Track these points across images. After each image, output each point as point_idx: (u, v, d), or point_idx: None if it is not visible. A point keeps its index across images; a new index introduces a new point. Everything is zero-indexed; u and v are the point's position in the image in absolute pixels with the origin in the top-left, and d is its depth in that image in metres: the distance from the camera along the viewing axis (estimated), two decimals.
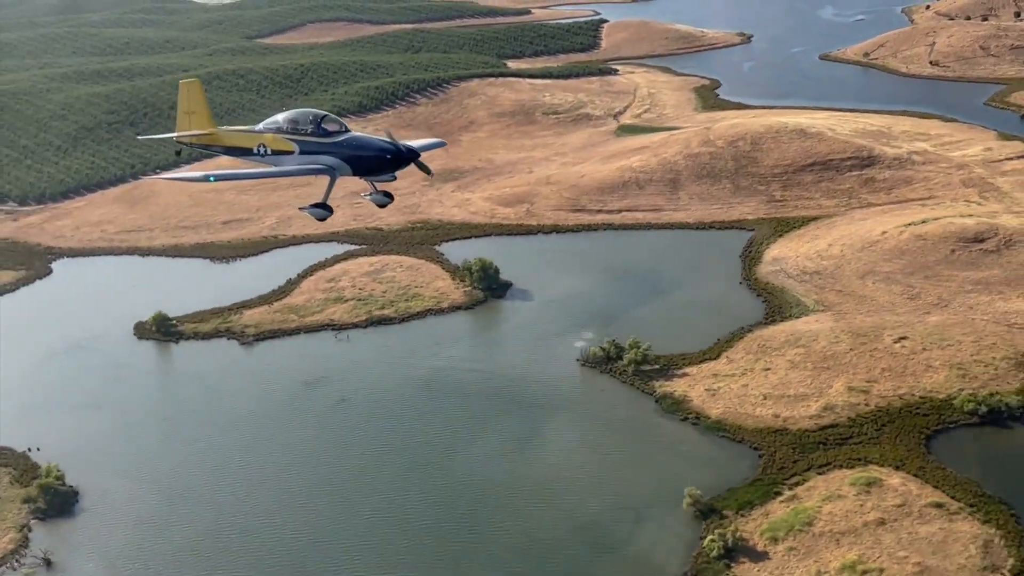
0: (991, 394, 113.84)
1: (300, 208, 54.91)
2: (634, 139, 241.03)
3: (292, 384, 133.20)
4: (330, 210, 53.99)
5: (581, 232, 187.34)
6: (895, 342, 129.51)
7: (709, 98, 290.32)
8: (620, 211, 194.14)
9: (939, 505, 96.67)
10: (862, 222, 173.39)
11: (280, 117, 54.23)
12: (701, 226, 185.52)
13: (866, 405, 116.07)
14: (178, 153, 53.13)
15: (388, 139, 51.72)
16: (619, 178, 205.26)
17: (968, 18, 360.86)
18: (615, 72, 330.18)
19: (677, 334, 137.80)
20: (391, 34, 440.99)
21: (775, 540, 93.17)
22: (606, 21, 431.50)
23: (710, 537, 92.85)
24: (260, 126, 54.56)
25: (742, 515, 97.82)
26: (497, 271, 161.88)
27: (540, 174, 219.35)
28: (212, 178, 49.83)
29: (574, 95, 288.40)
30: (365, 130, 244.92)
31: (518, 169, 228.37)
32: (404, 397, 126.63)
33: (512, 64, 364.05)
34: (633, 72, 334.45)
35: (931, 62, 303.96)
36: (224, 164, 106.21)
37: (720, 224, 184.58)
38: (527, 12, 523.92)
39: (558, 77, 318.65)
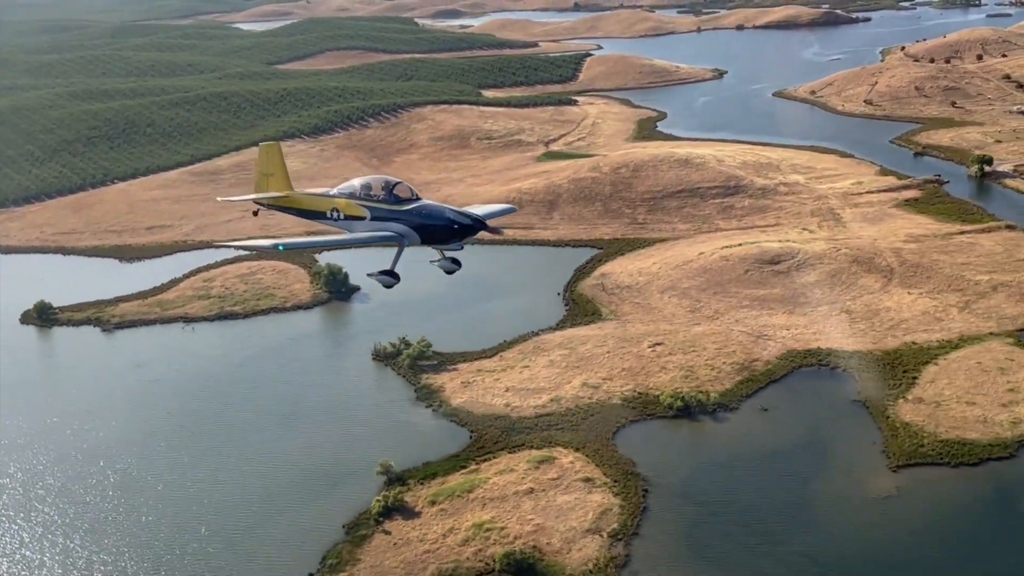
0: (695, 392, 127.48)
1: (368, 275, 55.63)
2: (548, 164, 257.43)
3: (125, 362, 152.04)
4: (397, 277, 53.97)
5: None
6: (649, 347, 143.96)
7: (646, 129, 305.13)
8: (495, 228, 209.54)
9: (588, 479, 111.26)
10: (695, 244, 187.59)
11: (356, 182, 54.17)
12: (561, 244, 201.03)
13: (590, 399, 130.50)
14: (255, 213, 58.49)
15: (459, 212, 52.10)
16: (504, 198, 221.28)
17: (932, 60, 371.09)
18: (574, 103, 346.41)
19: (475, 336, 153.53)
20: (393, 62, 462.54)
21: (433, 503, 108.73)
22: (591, 55, 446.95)
23: (377, 498, 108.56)
24: (334, 190, 54.36)
25: (422, 483, 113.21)
26: (346, 276, 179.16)
27: (443, 193, 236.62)
28: (281, 247, 50.05)
29: (517, 123, 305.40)
30: (325, 155, 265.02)
31: (430, 189, 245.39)
32: (206, 380, 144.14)
33: (488, 93, 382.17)
34: (592, 103, 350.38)
35: (866, 101, 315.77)
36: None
37: (578, 243, 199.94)
38: (534, 45, 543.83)
39: (516, 106, 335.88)
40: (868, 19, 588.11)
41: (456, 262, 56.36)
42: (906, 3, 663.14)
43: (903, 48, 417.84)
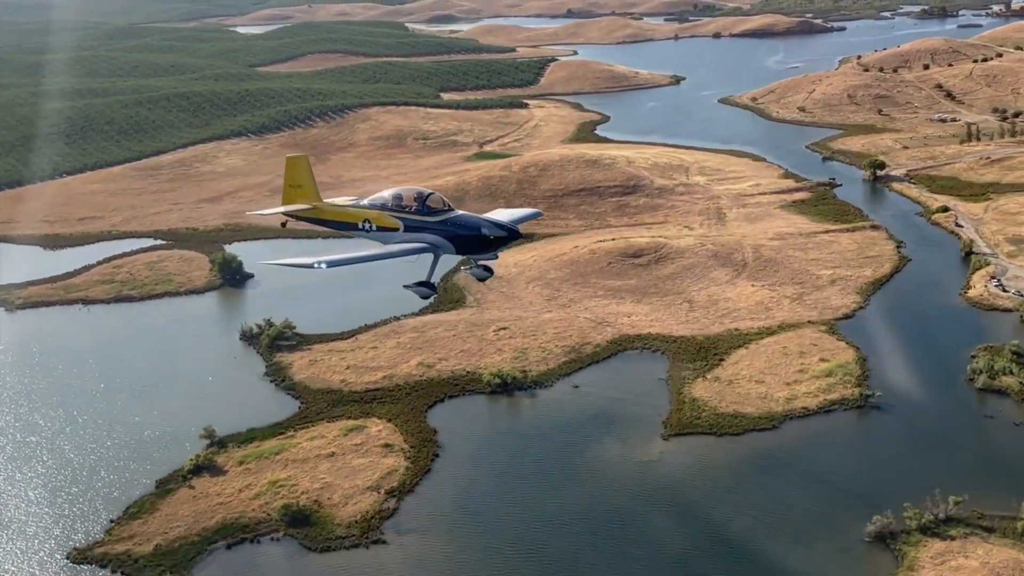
0: (517, 371, 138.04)
1: (405, 286, 54.89)
2: (474, 164, 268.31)
3: (14, 335, 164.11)
4: (434, 288, 53.93)
5: (342, 238, 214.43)
6: (494, 331, 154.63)
7: (584, 132, 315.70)
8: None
9: (388, 446, 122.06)
10: (578, 239, 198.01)
11: (386, 194, 53.42)
12: None
13: (421, 376, 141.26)
14: (283, 225, 58.55)
15: (491, 221, 51.31)
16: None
17: (881, 69, 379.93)
18: (525, 106, 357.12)
19: (345, 320, 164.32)
20: (367, 65, 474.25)
21: (241, 463, 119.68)
22: (556, 60, 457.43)
23: (191, 458, 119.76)
24: (365, 201, 53.86)
25: (239, 446, 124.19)
26: (240, 264, 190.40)
27: (364, 189, 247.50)
28: (324, 265, 48.87)
29: (458, 124, 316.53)
30: (267, 153, 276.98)
31: (355, 185, 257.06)
32: (80, 354, 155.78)
33: (448, 95, 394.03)
34: (543, 107, 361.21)
35: (800, 108, 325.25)
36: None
37: None
38: (512, 50, 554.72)
39: (465, 108, 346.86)
40: (843, 28, 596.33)
41: (488, 269, 55.27)
42: (886, 13, 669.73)
43: (859, 57, 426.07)
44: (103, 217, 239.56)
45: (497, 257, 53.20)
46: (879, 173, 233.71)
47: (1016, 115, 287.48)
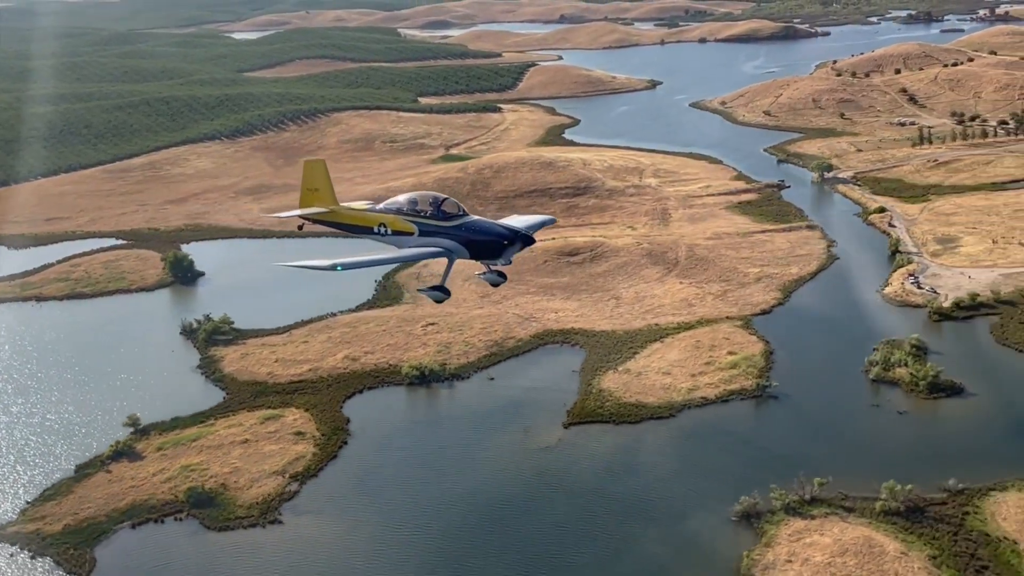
0: (437, 364, 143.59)
1: (419, 290, 51.61)
2: (437, 166, 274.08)
3: None
4: (448, 292, 53.49)
5: (310, 238, 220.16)
6: (422, 327, 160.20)
7: (552, 135, 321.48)
8: None
9: (300, 433, 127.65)
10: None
11: (401, 198, 53.41)
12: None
13: (345, 369, 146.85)
14: (300, 228, 57.93)
15: (505, 227, 51.10)
16: (372, 196, 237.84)
17: (854, 74, 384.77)
18: (498, 110, 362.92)
19: (286, 315, 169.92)
20: (353, 70, 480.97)
21: (159, 449, 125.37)
22: (536, 65, 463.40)
23: (111, 444, 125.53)
24: (380, 206, 53.87)
25: (161, 434, 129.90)
26: (192, 263, 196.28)
27: None
28: (340, 267, 49.35)
29: (427, 127, 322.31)
30: (238, 156, 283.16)
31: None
32: (25, 348, 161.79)
33: (425, 100, 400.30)
34: (516, 111, 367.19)
35: (765, 112, 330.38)
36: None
37: None
38: (498, 55, 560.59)
39: (439, 112, 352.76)
40: (827, 33, 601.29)
41: (502, 275, 54.42)
42: (873, 18, 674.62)
43: (834, 62, 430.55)
44: (70, 218, 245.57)
45: (511, 263, 52.31)
46: (827, 175, 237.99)
47: (972, 119, 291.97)
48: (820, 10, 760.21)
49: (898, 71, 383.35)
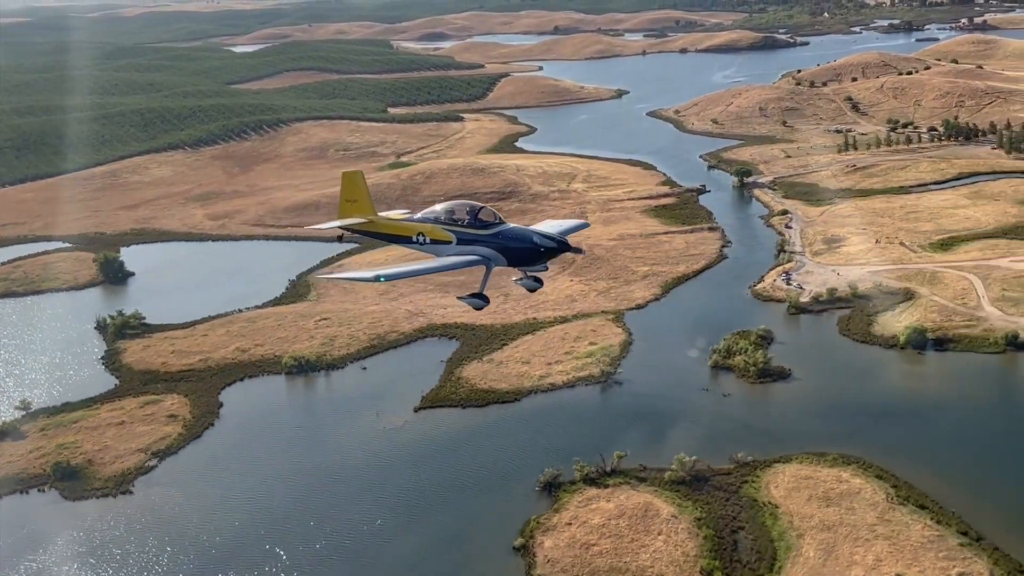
0: (317, 355, 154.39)
1: (459, 298, 56.08)
2: (382, 173, 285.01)
3: None
4: (486, 300, 53.33)
5: (257, 240, 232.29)
6: (315, 322, 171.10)
7: (505, 144, 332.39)
8: (286, 226, 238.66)
9: (173, 416, 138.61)
10: None
11: (438, 208, 54.23)
12: (331, 239, 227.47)
13: (233, 359, 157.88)
14: (340, 238, 60.22)
15: (542, 234, 51.66)
16: (305, 202, 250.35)
17: (812, 84, 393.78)
18: (460, 119, 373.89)
19: (201, 311, 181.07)
20: (333, 81, 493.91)
21: (42, 430, 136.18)
22: (509, 76, 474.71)
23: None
24: (418, 215, 54.59)
25: (49, 416, 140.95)
26: (122, 264, 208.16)
27: (269, 196, 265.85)
28: (382, 278, 50.16)
29: (383, 136, 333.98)
30: (198, 164, 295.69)
31: (266, 192, 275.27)
32: None
33: (395, 110, 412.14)
34: (479, 120, 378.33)
35: (713, 120, 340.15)
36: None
37: (345, 239, 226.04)
38: (480, 66, 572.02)
39: (400, 121, 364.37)
40: (806, 43, 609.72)
41: (538, 280, 54.28)
42: (856, 28, 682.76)
43: (798, 72, 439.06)
44: (25, 223, 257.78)
45: (547, 268, 52.81)
46: (746, 180, 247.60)
47: (904, 125, 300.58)
48: (808, 20, 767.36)
49: (855, 79, 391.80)
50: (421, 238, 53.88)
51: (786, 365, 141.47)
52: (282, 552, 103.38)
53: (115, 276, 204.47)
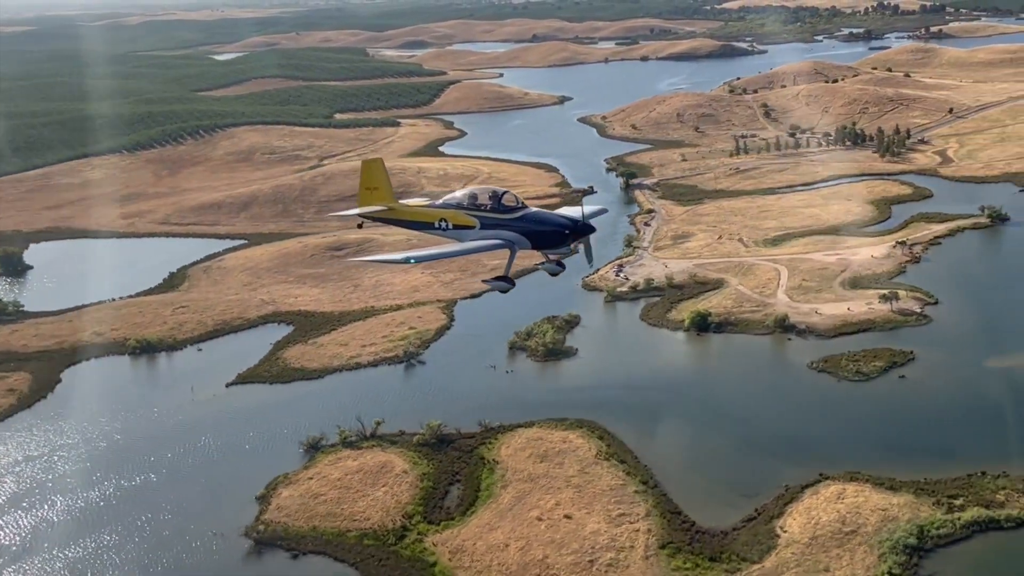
0: (162, 337, 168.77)
1: (484, 281, 57.63)
2: (298, 175, 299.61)
3: None
4: (512, 283, 53.79)
5: (159, 237, 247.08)
6: (173, 309, 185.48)
7: (430, 148, 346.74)
8: (188, 224, 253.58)
9: (11, 390, 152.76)
10: (312, 238, 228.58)
11: (459, 194, 53.98)
12: (229, 236, 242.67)
13: (89, 341, 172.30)
14: (360, 226, 59.90)
15: (566, 217, 51.96)
16: (210, 202, 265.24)
17: (744, 91, 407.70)
18: (398, 124, 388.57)
19: (77, 299, 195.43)
20: (289, 88, 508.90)
21: None
22: (459, 82, 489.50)
23: None
24: (439, 202, 54.47)
25: None
26: (20, 258, 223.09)
27: (183, 197, 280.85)
28: (412, 260, 50.13)
29: (311, 140, 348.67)
30: (130, 167, 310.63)
31: (183, 194, 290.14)
32: None
33: (342, 115, 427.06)
34: (415, 124, 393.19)
35: (632, 126, 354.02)
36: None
37: (239, 235, 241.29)
38: (443, 73, 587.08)
39: (336, 126, 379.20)
40: (764, 51, 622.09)
41: (561, 264, 54.79)
42: (819, 36, 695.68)
43: (737, 79, 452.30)
44: None
45: (571, 252, 53.17)
46: (632, 182, 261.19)
47: (804, 131, 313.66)
48: (779, 28, 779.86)
49: (784, 86, 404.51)
50: (444, 224, 53.73)
51: (576, 346, 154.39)
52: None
53: (13, 270, 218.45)
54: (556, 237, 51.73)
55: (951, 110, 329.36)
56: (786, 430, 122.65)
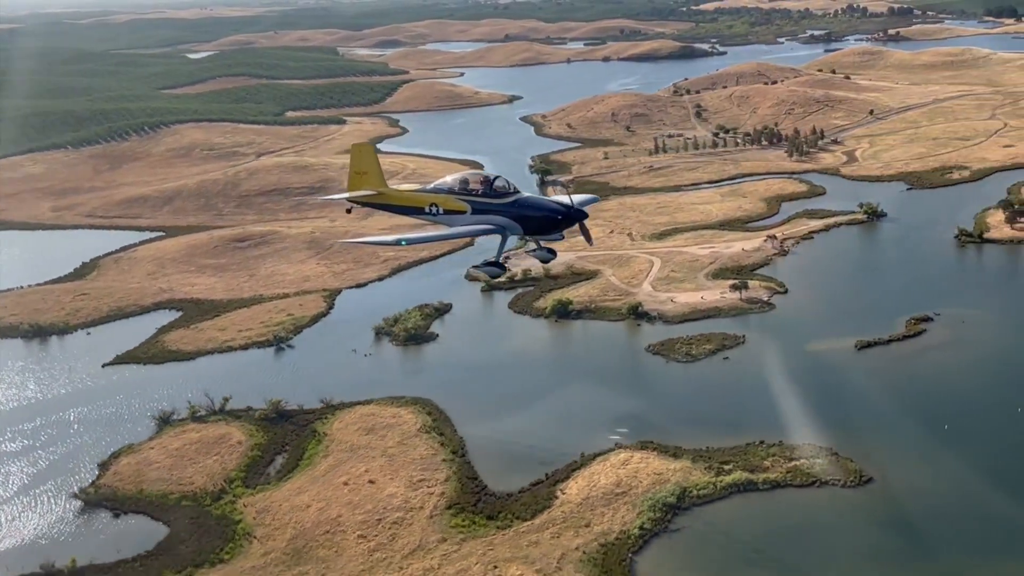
0: (54, 321, 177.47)
1: (473, 267, 57.53)
2: (229, 171, 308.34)
3: None
4: (503, 268, 54.21)
5: (83, 229, 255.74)
6: (74, 296, 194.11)
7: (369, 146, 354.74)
8: (113, 217, 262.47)
9: None
10: (226, 230, 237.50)
11: (450, 179, 53.78)
12: (151, 228, 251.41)
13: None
14: (348, 211, 61.48)
15: (558, 203, 52.51)
16: (136, 196, 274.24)
17: (688, 91, 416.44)
18: (343, 122, 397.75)
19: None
20: (248, 87, 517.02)
21: None
22: (414, 81, 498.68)
23: None
24: (430, 187, 54.01)
25: None
26: None
27: (115, 191, 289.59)
28: (404, 242, 50.75)
29: (252, 137, 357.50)
30: (72, 162, 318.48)
31: (117, 188, 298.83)
32: None
33: (293, 113, 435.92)
34: (361, 123, 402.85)
35: (568, 124, 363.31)
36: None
37: (159, 228, 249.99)
38: (405, 72, 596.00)
39: (284, 124, 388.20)
40: (724, 53, 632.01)
41: (552, 251, 55.77)
42: (782, 39, 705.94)
43: (685, 79, 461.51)
44: None
45: (563, 238, 53.64)
46: (547, 179, 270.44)
47: (728, 131, 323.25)
48: (747, 29, 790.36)
49: (725, 86, 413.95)
50: (434, 209, 53.51)
51: (438, 332, 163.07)
52: None
53: None
54: (548, 223, 52.48)
55: (872, 112, 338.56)
56: (602, 405, 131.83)
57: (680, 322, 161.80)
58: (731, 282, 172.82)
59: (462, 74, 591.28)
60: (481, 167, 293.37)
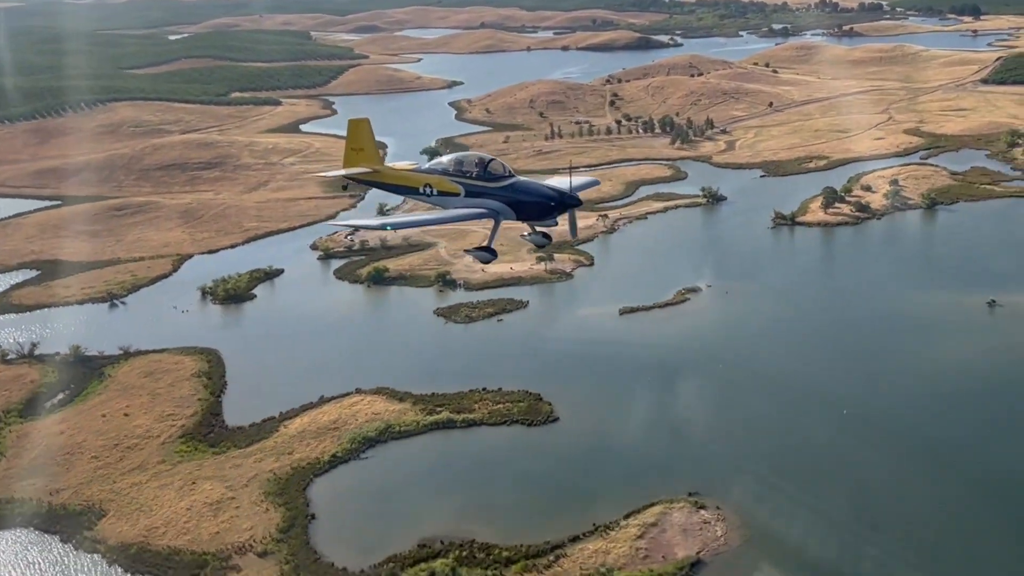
0: None
1: (465, 251, 56.74)
2: (143, 144, 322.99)
3: None
4: (494, 253, 52.56)
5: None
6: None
7: (292, 127, 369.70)
8: (21, 187, 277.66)
9: None
10: (119, 200, 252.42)
11: (445, 159, 53.27)
12: (43, 198, 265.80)
13: None
14: (344, 187, 60.07)
15: (553, 188, 51.10)
16: (49, 168, 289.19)
17: (619, 80, 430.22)
18: (278, 103, 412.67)
19: None
20: (205, 68, 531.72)
21: None
22: (360, 65, 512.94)
23: None
24: (425, 166, 53.78)
25: None
26: None
27: (34, 164, 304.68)
28: (389, 227, 51.90)
29: (184, 116, 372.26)
30: (6, 136, 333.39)
31: (37, 161, 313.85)
32: None
33: (239, 94, 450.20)
34: (296, 104, 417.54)
35: (487, 110, 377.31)
36: None
37: (60, 198, 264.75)
38: (365, 57, 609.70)
39: (219, 104, 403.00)
40: (680, 45, 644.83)
41: (547, 236, 54.67)
42: (742, 33, 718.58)
43: (623, 69, 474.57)
44: None
45: (557, 224, 52.36)
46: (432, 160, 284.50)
47: (630, 119, 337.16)
48: (716, 22, 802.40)
49: (668, 73, 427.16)
50: (428, 189, 52.92)
51: (258, 293, 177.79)
52: None
53: None
54: (541, 209, 51.23)
55: (771, 104, 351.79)
56: (367, 358, 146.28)
57: (481, 289, 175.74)
58: (539, 254, 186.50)
59: (420, 60, 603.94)
60: (385, 147, 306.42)
